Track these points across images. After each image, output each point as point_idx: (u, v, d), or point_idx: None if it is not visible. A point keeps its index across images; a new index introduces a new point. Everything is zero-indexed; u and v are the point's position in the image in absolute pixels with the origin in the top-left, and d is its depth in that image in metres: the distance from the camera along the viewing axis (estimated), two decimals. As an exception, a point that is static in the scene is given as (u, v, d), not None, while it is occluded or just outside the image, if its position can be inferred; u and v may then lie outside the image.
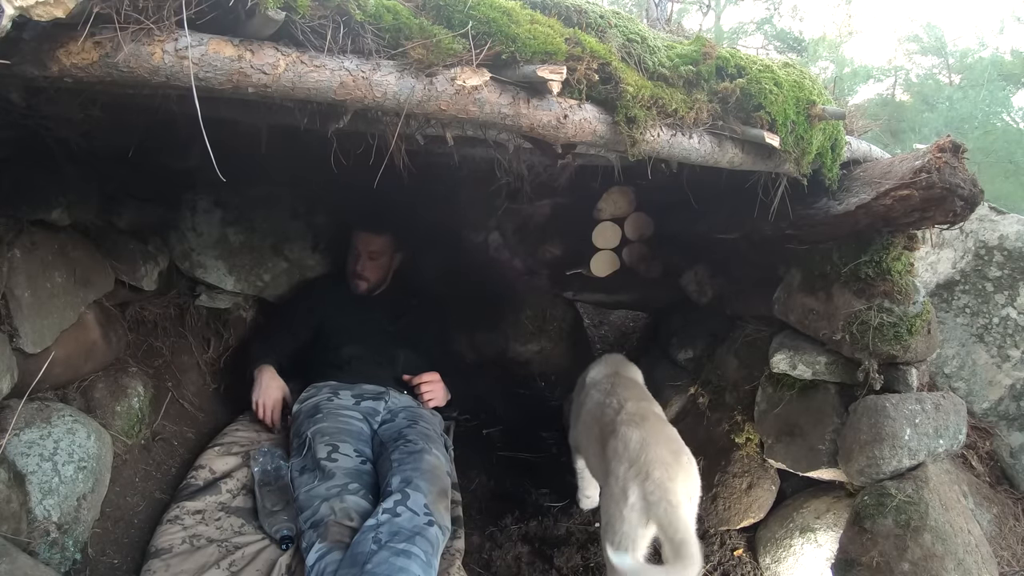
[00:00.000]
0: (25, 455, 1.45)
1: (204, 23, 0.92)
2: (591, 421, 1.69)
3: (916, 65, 8.99)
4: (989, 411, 2.28)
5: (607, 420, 1.60)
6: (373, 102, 1.07)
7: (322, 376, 2.18)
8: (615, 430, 1.53)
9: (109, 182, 1.85)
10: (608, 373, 1.87)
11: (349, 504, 1.60)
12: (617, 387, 1.74)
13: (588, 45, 1.22)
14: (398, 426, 1.99)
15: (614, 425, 1.55)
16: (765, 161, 1.53)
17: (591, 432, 1.67)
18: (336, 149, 1.33)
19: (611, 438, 1.52)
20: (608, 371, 1.89)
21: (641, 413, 1.59)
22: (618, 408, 1.61)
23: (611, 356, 2.08)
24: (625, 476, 1.40)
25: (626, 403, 1.62)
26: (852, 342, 1.76)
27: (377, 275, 2.38)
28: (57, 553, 1.43)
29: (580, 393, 1.91)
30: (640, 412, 1.59)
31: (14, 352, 1.49)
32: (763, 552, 1.90)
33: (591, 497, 2.07)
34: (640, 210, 2.58)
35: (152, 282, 2.12)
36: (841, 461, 1.77)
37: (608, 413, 1.63)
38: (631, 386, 1.79)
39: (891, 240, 1.72)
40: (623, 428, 1.51)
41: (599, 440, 1.60)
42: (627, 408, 1.59)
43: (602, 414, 1.65)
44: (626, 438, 1.47)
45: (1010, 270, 2.33)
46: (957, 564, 1.57)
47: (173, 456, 1.98)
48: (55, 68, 0.90)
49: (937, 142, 1.48)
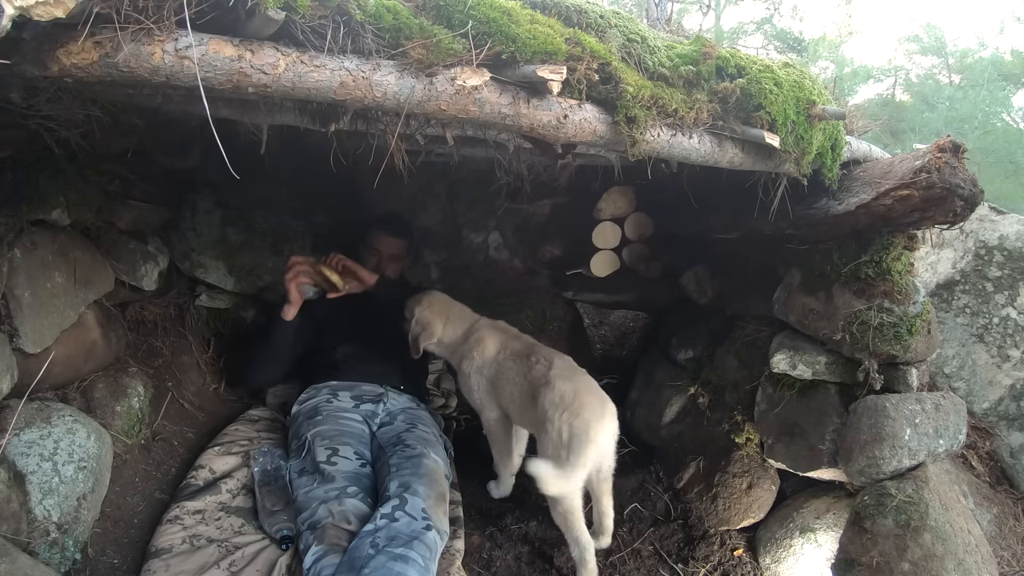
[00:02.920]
0: (25, 455, 1.45)
1: (204, 23, 0.93)
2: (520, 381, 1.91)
3: (916, 65, 9.00)
4: (989, 411, 2.28)
5: (538, 375, 1.84)
6: (373, 102, 1.07)
7: (319, 377, 2.18)
8: (549, 382, 1.78)
9: (109, 182, 1.85)
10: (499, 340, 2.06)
11: (347, 507, 1.60)
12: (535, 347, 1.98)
13: (588, 45, 1.22)
14: (396, 429, 1.99)
15: (547, 379, 1.80)
16: (765, 161, 1.53)
17: (521, 390, 1.90)
18: (336, 149, 1.33)
19: (547, 390, 1.77)
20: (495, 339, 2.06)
21: (569, 367, 1.86)
22: (548, 364, 1.85)
23: (433, 296, 2.21)
24: (562, 419, 1.70)
25: (553, 359, 1.87)
26: (852, 342, 1.76)
27: (395, 277, 2.38)
28: (57, 553, 1.43)
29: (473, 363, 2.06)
30: (568, 366, 1.86)
31: (14, 352, 1.49)
32: (763, 552, 1.90)
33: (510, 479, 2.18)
34: (640, 210, 2.58)
35: (152, 282, 2.12)
36: (841, 461, 1.77)
37: (539, 369, 1.85)
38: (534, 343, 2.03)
39: (891, 240, 1.72)
40: (557, 381, 1.78)
41: (531, 395, 1.84)
42: (555, 363, 1.85)
43: (531, 371, 1.87)
44: (562, 390, 1.75)
45: (1010, 270, 2.33)
46: (957, 564, 1.57)
47: (173, 456, 1.98)
48: (55, 68, 0.90)
49: (937, 142, 1.48)
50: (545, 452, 1.75)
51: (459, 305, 2.21)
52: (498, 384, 1.99)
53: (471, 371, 2.04)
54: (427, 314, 2.12)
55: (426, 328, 2.10)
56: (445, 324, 2.12)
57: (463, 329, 2.12)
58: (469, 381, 2.05)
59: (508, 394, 1.95)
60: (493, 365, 2.00)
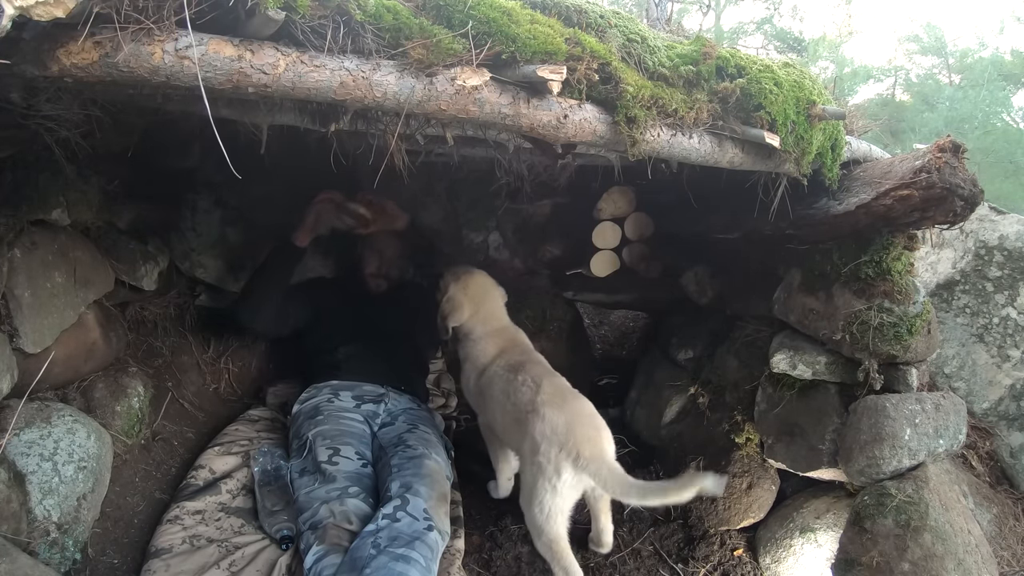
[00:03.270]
0: (25, 455, 1.45)
1: (204, 23, 0.93)
2: (503, 400, 1.80)
3: (916, 65, 8.98)
4: (989, 411, 2.28)
5: (525, 400, 1.72)
6: (373, 102, 1.07)
7: (321, 376, 2.18)
8: (537, 411, 1.66)
9: (109, 182, 1.85)
10: (500, 347, 1.95)
11: (349, 507, 1.60)
12: (525, 364, 1.85)
13: (588, 45, 1.22)
14: (398, 430, 1.99)
15: (535, 405, 1.68)
16: (765, 161, 1.53)
17: (505, 410, 1.80)
18: (336, 149, 1.33)
19: (536, 420, 1.65)
20: (497, 345, 1.95)
21: (559, 392, 1.73)
22: (535, 388, 1.72)
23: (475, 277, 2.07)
24: (558, 457, 1.59)
25: (542, 382, 1.74)
26: (852, 342, 1.76)
27: (397, 275, 2.38)
28: (57, 553, 1.43)
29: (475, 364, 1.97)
30: (557, 391, 1.73)
31: (14, 352, 1.49)
32: (763, 552, 1.90)
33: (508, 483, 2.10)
34: (640, 210, 2.58)
35: (152, 282, 2.12)
36: (841, 461, 1.77)
37: (525, 393, 1.73)
38: (534, 360, 1.90)
39: (891, 240, 1.72)
40: (546, 410, 1.65)
41: (515, 419, 1.73)
42: (544, 388, 1.72)
43: (516, 393, 1.76)
44: (553, 422, 1.63)
45: (1010, 270, 2.33)
46: (957, 564, 1.57)
47: (173, 456, 1.98)
48: (55, 68, 0.90)
49: (937, 142, 1.48)
50: (525, 483, 1.66)
51: (498, 299, 2.07)
52: (484, 397, 1.90)
53: (469, 371, 1.99)
54: (460, 296, 1.98)
55: (455, 310, 1.97)
56: (473, 315, 1.99)
57: (484, 329, 1.99)
58: (468, 381, 2.01)
59: (490, 412, 1.87)
60: (484, 376, 1.91)
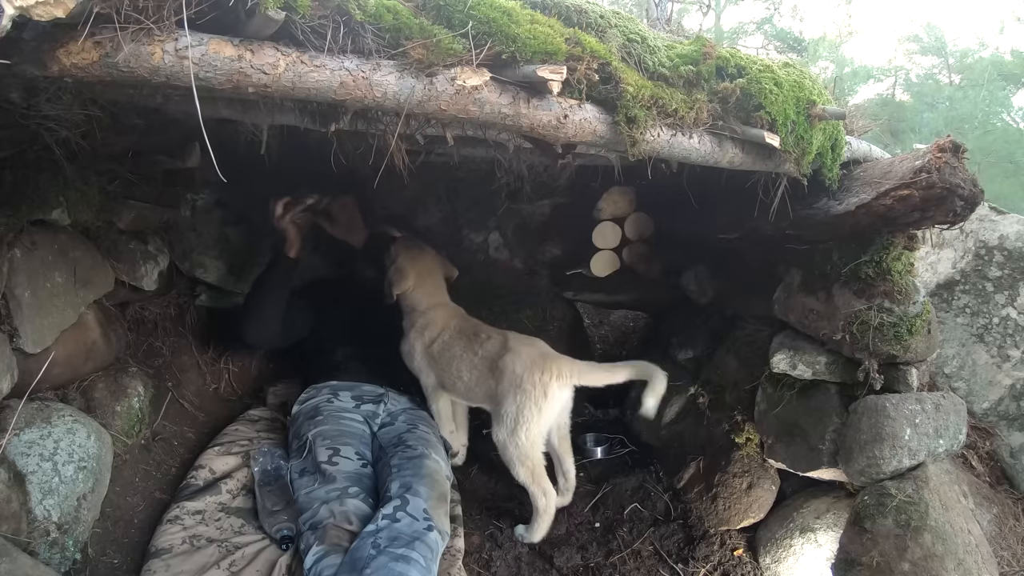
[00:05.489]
0: (25, 455, 1.45)
1: (204, 23, 0.92)
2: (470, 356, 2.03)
3: (916, 65, 8.97)
4: (989, 411, 2.28)
5: (495, 348, 1.97)
6: (373, 102, 1.07)
7: (320, 377, 2.18)
8: (511, 350, 1.93)
9: (109, 182, 1.85)
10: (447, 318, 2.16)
11: (349, 508, 1.60)
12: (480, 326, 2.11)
13: (588, 45, 1.22)
14: (397, 430, 1.99)
15: (507, 348, 1.94)
16: (765, 161, 1.53)
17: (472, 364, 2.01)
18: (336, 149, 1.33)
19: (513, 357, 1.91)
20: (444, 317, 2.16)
21: (523, 337, 2.02)
22: (502, 337, 2.00)
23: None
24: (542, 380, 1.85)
25: (506, 333, 2.03)
26: (852, 342, 1.76)
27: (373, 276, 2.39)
28: (57, 553, 1.43)
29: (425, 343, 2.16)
30: (521, 336, 2.03)
31: (14, 352, 1.48)
32: (763, 552, 1.90)
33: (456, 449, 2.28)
34: (640, 210, 2.58)
35: (152, 282, 2.12)
36: (841, 461, 1.77)
37: (493, 344, 1.99)
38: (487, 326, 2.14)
39: (891, 240, 1.72)
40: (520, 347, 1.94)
41: (488, 367, 1.96)
42: (509, 335, 2.01)
43: (483, 346, 2.00)
44: (529, 354, 1.91)
45: (1010, 270, 2.33)
46: (957, 564, 1.57)
47: (173, 456, 1.98)
48: (55, 68, 0.90)
49: (937, 142, 1.48)
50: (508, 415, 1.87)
51: (440, 277, 2.28)
52: (442, 362, 2.07)
53: (415, 340, 2.14)
54: (407, 266, 2.20)
55: (401, 278, 2.17)
56: (419, 287, 2.20)
57: (427, 302, 2.19)
58: (412, 349, 2.14)
59: (455, 370, 2.03)
60: (437, 343, 2.09)
